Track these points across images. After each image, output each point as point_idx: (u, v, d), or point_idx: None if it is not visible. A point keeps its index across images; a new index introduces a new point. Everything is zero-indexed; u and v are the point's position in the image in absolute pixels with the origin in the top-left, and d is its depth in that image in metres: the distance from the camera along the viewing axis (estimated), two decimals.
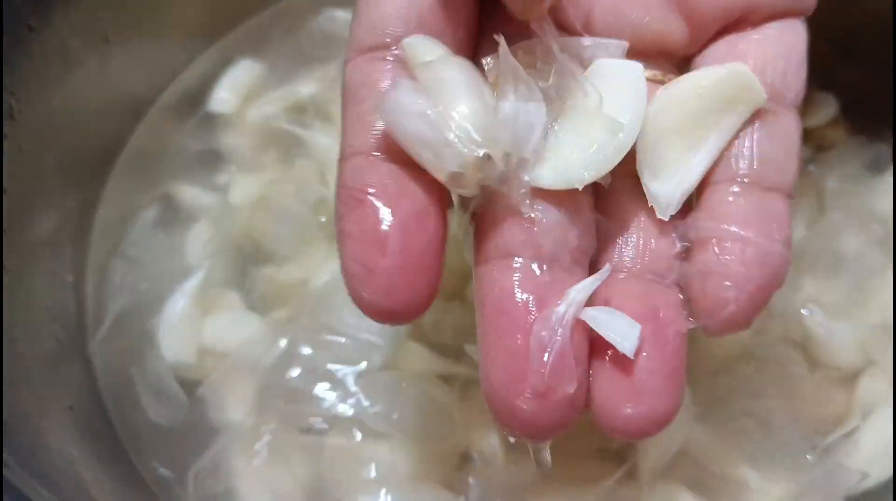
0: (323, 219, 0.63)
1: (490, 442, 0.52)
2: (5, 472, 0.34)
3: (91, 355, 0.57)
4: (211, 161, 0.67)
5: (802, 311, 0.56)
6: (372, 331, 0.55)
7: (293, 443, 0.54)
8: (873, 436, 0.52)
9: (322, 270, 0.60)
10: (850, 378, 0.56)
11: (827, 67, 0.69)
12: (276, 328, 0.58)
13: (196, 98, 0.70)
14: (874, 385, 0.55)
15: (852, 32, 0.69)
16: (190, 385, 0.56)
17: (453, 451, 0.52)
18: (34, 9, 0.55)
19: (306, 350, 0.55)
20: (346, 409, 0.54)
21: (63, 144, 0.59)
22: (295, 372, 0.55)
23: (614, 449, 0.52)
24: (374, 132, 0.35)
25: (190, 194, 0.66)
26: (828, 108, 0.67)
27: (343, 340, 0.55)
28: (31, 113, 0.55)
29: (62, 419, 0.49)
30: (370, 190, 0.34)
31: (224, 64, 0.72)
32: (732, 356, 0.55)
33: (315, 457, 0.53)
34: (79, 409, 0.51)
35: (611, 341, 0.34)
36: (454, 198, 0.39)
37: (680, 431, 0.50)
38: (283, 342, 0.56)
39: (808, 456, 0.51)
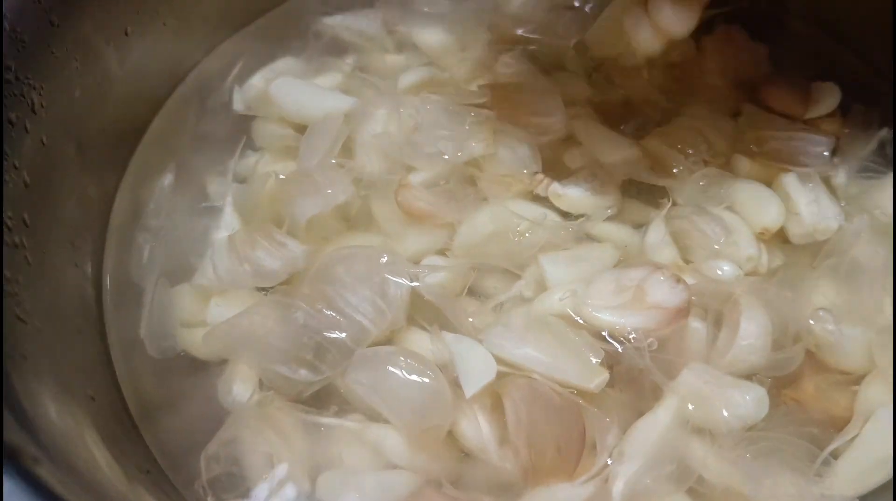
0: None
1: (481, 438, 0.53)
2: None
3: (109, 340, 0.60)
4: (228, 148, 0.68)
5: (810, 320, 0.56)
6: (367, 315, 0.55)
7: (294, 421, 0.55)
8: (872, 443, 0.52)
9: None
10: (855, 382, 0.56)
11: (828, 59, 0.71)
12: (277, 299, 0.58)
13: (212, 89, 0.72)
14: (874, 389, 0.55)
15: (853, 26, 0.70)
16: (198, 365, 0.58)
17: (450, 442, 0.54)
18: (56, 4, 0.56)
19: (302, 320, 0.55)
20: (342, 383, 0.55)
21: (83, 136, 0.61)
22: (292, 344, 0.55)
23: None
24: None
25: (209, 179, 0.67)
26: (831, 98, 0.68)
27: (339, 317, 0.55)
28: (52, 107, 0.56)
29: (84, 407, 0.50)
30: None
31: (238, 57, 0.73)
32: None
33: (314, 434, 0.55)
34: (99, 400, 0.53)
35: None
36: None
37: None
38: (281, 313, 0.56)
39: (810, 469, 0.52)
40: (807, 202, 0.61)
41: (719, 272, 0.59)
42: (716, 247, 0.60)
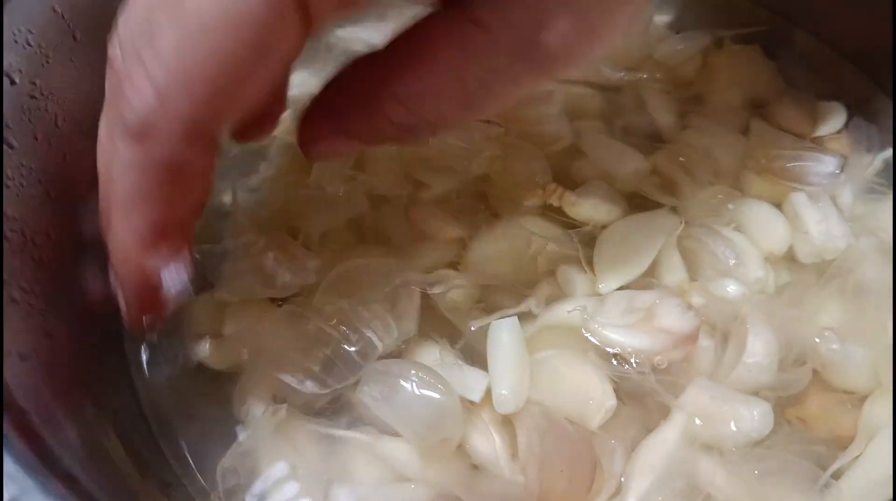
0: None
1: (493, 450, 0.54)
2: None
3: (126, 350, 0.60)
4: (241, 159, 0.69)
5: (816, 339, 0.57)
6: (376, 330, 0.56)
7: (308, 432, 0.56)
8: (874, 462, 0.53)
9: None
10: (859, 401, 0.56)
11: (836, 76, 0.72)
12: (290, 310, 0.59)
13: None
14: (879, 407, 0.55)
15: (860, 44, 0.71)
16: (213, 376, 0.59)
17: (460, 456, 0.55)
18: (79, 20, 0.57)
19: (313, 333, 0.56)
20: (354, 397, 0.56)
21: None
22: (302, 355, 0.56)
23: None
24: None
25: (222, 188, 0.67)
26: (837, 117, 0.69)
27: (348, 331, 0.56)
28: (75, 121, 0.57)
29: (110, 421, 0.51)
30: None
31: None
32: None
33: (327, 446, 0.56)
34: (122, 413, 0.54)
35: None
36: None
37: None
38: (293, 324, 0.57)
39: (815, 488, 0.52)
40: (816, 222, 0.62)
41: (728, 290, 0.59)
42: (725, 268, 0.60)
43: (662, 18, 0.79)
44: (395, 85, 0.42)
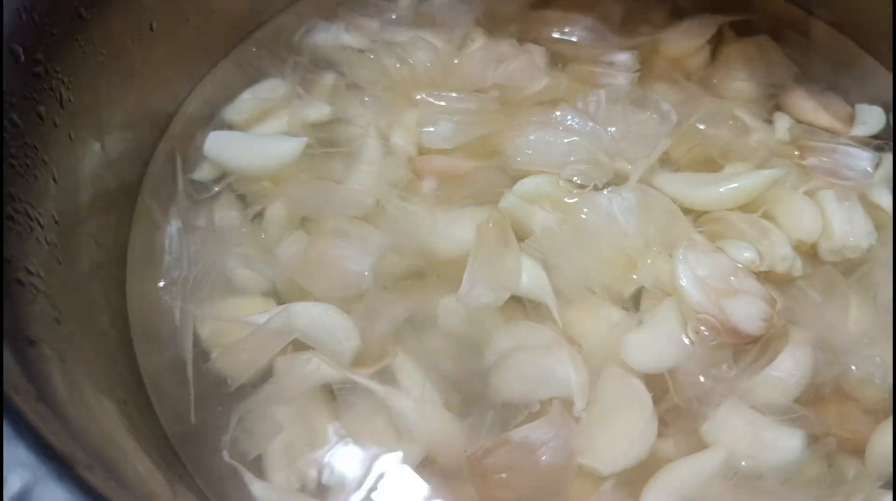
0: None
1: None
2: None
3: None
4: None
5: (876, 359, 0.56)
6: None
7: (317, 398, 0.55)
8: None
9: None
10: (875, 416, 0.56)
11: (850, 63, 0.71)
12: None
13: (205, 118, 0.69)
14: (888, 438, 0.54)
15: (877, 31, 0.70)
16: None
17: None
18: None
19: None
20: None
21: (107, 131, 0.59)
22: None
23: None
24: None
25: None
26: (877, 120, 0.68)
27: None
28: (79, 101, 0.55)
29: (118, 409, 0.49)
30: None
31: (231, 80, 0.71)
32: None
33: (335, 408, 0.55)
34: (129, 402, 0.52)
35: None
36: None
37: None
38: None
39: None
40: (840, 221, 0.61)
41: (746, 255, 0.58)
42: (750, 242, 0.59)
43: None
44: None
